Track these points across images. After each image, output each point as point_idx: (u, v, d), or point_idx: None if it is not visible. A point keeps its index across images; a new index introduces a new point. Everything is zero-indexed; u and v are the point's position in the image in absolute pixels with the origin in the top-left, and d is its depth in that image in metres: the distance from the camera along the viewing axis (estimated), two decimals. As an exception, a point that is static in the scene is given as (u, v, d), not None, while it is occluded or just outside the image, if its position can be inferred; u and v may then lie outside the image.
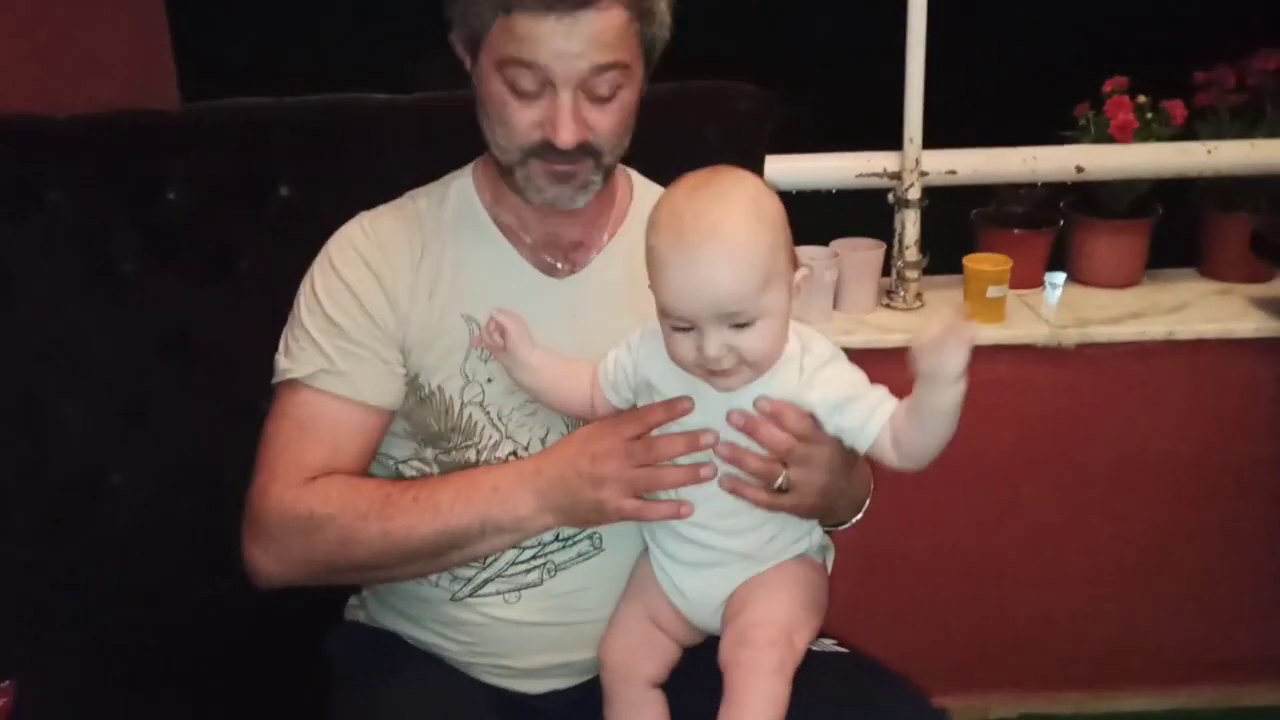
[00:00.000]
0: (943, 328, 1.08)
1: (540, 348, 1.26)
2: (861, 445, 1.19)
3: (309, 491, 1.27)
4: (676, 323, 1.13)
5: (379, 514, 1.26)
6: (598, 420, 1.27)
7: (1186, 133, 2.08)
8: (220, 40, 2.83)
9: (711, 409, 1.19)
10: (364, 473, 1.32)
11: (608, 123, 1.24)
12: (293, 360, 1.31)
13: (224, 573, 1.52)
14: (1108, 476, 2.09)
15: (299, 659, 1.45)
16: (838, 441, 1.20)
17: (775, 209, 1.15)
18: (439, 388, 1.32)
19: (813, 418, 1.19)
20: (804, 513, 1.24)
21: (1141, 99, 2.07)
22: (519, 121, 1.23)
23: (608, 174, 1.29)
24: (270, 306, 1.36)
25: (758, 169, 1.64)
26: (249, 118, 1.58)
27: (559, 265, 1.35)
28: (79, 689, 1.50)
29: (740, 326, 1.12)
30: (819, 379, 1.18)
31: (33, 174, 1.52)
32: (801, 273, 1.17)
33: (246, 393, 1.40)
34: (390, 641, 1.39)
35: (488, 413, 1.31)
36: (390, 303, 1.31)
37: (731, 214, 1.11)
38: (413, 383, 1.33)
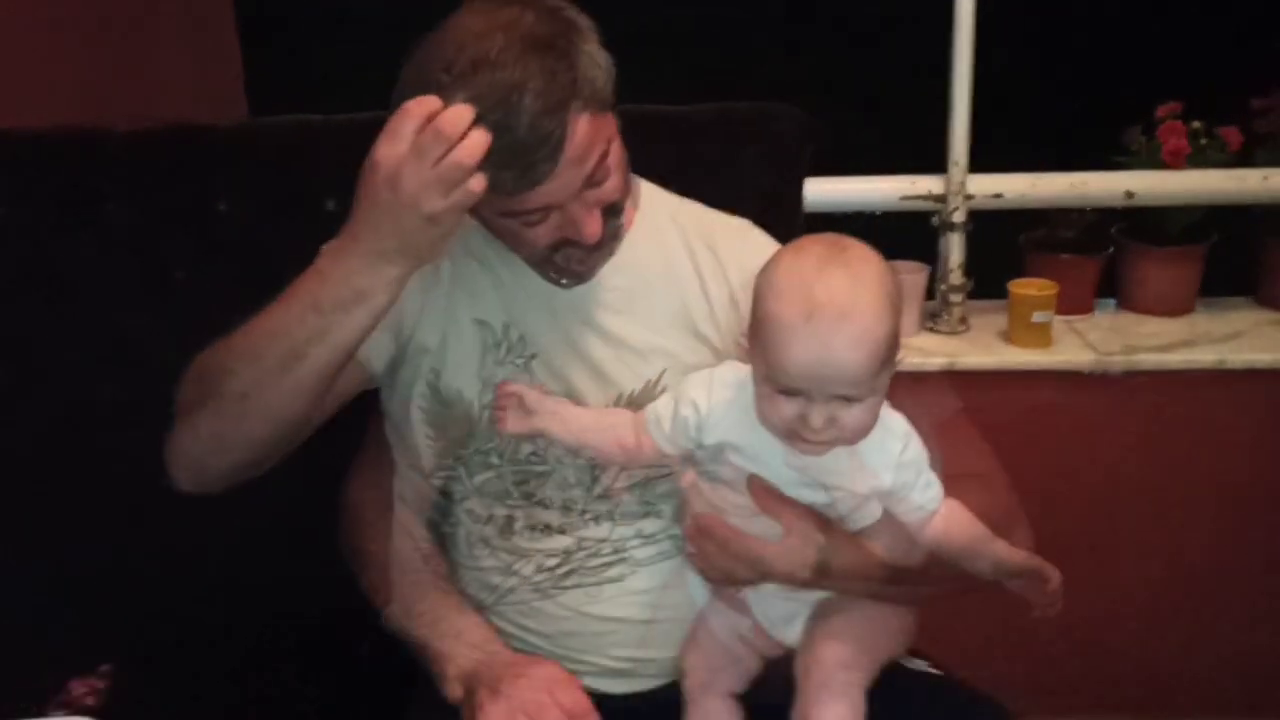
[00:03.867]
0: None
1: (575, 408, 1.27)
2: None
3: (370, 508, 1.38)
4: (781, 388, 1.12)
5: (381, 569, 1.33)
6: (560, 667, 1.26)
7: (1242, 159, 2.04)
8: (294, 62, 2.89)
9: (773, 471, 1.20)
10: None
11: (613, 187, 1.24)
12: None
13: (303, 568, 1.55)
14: (1154, 506, 2.05)
15: (384, 651, 1.44)
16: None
17: (897, 291, 1.13)
18: (459, 391, 1.33)
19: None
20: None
21: (1195, 124, 2.04)
22: (536, 239, 1.24)
23: (620, 214, 1.30)
24: None
25: (797, 191, 1.67)
26: (299, 133, 1.62)
27: (563, 280, 1.35)
28: (173, 676, 1.55)
29: (848, 401, 1.11)
30: (902, 462, 1.18)
31: (91, 184, 1.58)
32: (901, 353, 1.15)
33: None
34: None
35: None
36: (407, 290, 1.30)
37: (865, 296, 1.09)
38: (434, 387, 1.34)
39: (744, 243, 1.38)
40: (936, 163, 2.01)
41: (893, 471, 1.17)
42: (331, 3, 3.03)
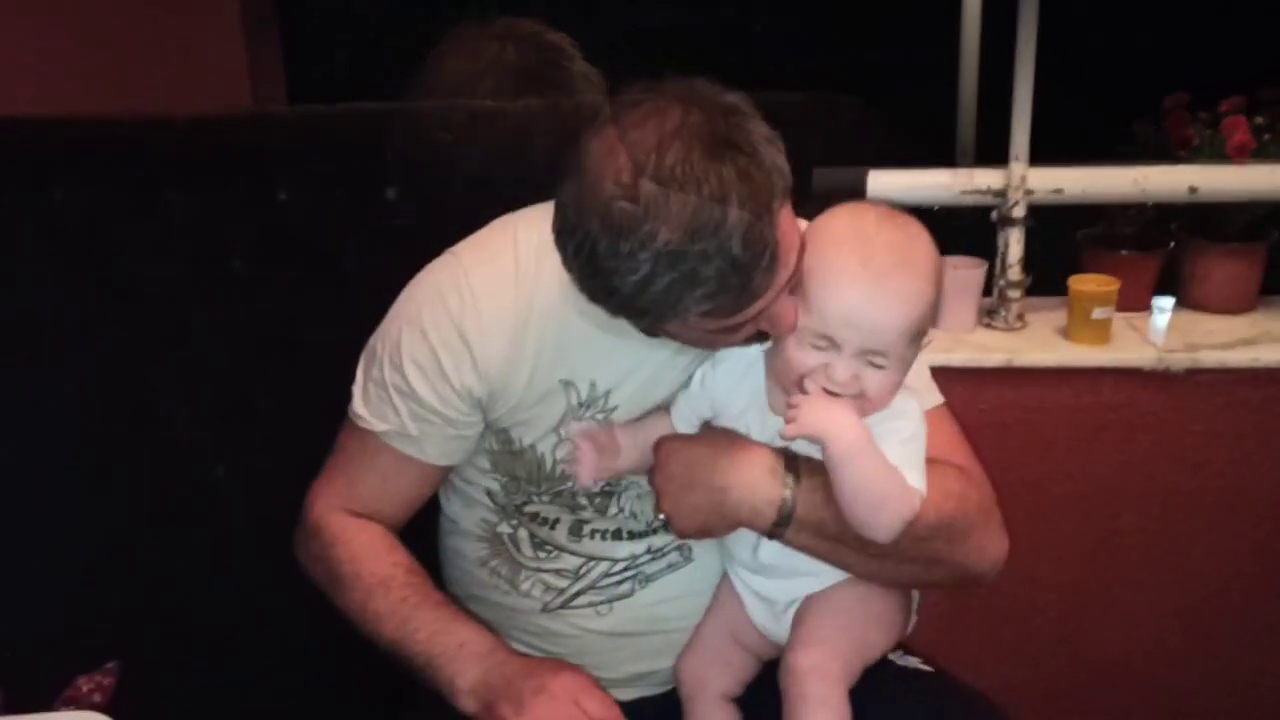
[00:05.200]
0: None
1: (620, 431, 1.26)
2: None
3: (344, 527, 1.32)
4: (816, 339, 1.12)
5: (366, 590, 1.29)
6: (578, 671, 1.24)
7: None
8: (328, 58, 2.90)
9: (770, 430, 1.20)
10: (413, 509, 1.36)
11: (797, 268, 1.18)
12: (368, 407, 1.30)
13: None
14: (1214, 507, 2.01)
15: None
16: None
17: (942, 273, 1.16)
18: (531, 445, 1.28)
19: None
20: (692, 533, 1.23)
21: (1259, 120, 1.99)
22: (732, 343, 1.18)
23: None
24: (376, 307, 1.37)
25: (859, 184, 1.66)
26: (359, 121, 1.60)
27: None
28: (180, 673, 1.56)
29: (874, 364, 1.12)
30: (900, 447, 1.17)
31: (150, 172, 1.57)
32: (927, 338, 1.17)
33: (347, 389, 1.40)
34: None
35: None
36: (480, 371, 1.24)
37: (920, 258, 1.13)
38: (503, 436, 1.29)
39: None
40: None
41: (898, 447, 1.15)
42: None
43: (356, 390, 1.33)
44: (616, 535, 1.32)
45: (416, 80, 1.12)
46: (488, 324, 1.24)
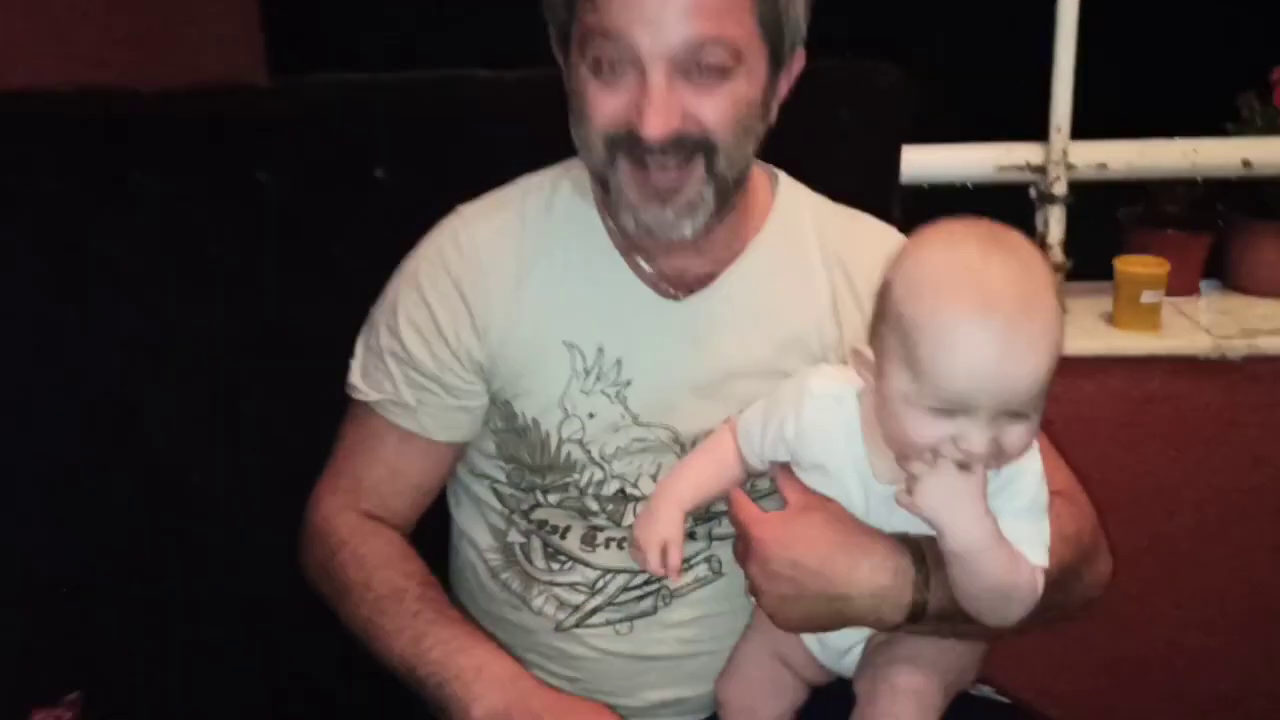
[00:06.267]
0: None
1: (685, 488, 1.14)
2: None
3: (352, 530, 1.26)
4: (938, 405, 0.96)
5: (376, 601, 1.20)
6: (615, 716, 1.13)
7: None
8: (308, 18, 2.82)
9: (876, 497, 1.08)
10: (421, 502, 1.30)
11: (714, 112, 1.07)
12: (365, 378, 1.27)
13: (285, 589, 1.46)
14: (1274, 505, 1.92)
15: (388, 681, 1.33)
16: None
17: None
18: (535, 420, 1.21)
19: None
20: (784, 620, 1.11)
21: (1314, 88, 1.91)
22: (600, 106, 1.08)
23: (722, 192, 1.11)
24: (367, 296, 1.32)
25: (894, 156, 1.55)
26: (344, 94, 1.52)
27: (677, 293, 1.21)
28: (148, 705, 1.47)
29: (1014, 417, 0.96)
30: (1022, 507, 1.03)
31: (115, 152, 1.47)
32: None
33: (339, 387, 1.33)
34: None
35: (588, 450, 1.21)
36: (479, 330, 1.21)
37: (1043, 285, 0.95)
38: (506, 410, 1.22)
39: (885, 257, 1.20)
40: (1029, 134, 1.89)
41: (1013, 518, 1.02)
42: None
43: (355, 363, 1.29)
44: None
45: None
46: (488, 278, 1.21)
